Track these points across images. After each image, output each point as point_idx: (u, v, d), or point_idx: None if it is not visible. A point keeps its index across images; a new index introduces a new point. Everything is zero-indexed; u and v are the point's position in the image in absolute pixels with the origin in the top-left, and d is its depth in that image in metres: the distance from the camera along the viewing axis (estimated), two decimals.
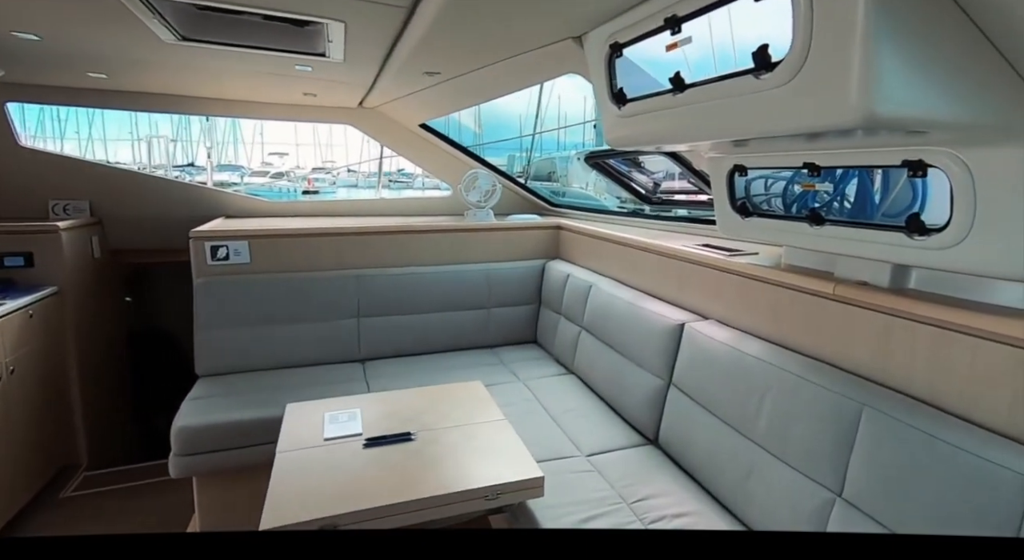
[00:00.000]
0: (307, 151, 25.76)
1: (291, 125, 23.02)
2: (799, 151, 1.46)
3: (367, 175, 24.67)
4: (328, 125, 3.48)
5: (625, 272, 2.55)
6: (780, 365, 1.51)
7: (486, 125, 23.17)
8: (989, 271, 1.15)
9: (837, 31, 0.88)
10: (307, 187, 18.18)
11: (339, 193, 18.90)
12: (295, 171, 19.58)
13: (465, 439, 1.60)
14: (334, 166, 21.36)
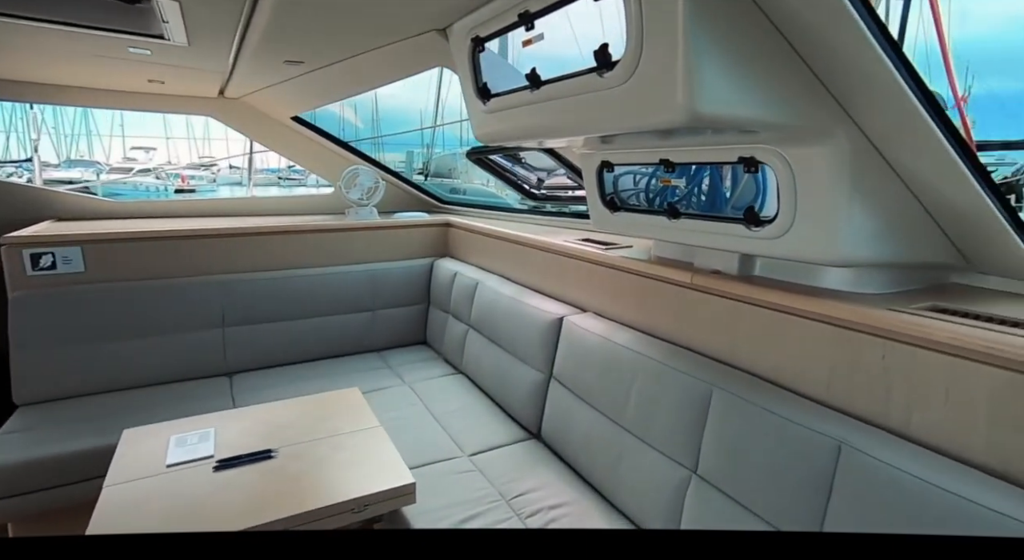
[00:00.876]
0: (182, 145, 23.42)
1: (159, 117, 20.80)
2: (655, 148, 1.54)
3: (255, 171, 22.98)
4: (204, 117, 3.13)
5: (511, 268, 2.57)
6: (646, 353, 1.59)
7: (384, 119, 22.42)
8: (811, 257, 1.28)
9: (663, 35, 0.93)
10: (181, 185, 16.52)
11: (221, 191, 17.38)
12: (165, 168, 17.69)
13: (333, 451, 1.52)
14: (213, 162, 19.60)
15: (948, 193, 1.17)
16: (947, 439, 1.05)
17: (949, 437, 1.05)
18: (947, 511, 0.92)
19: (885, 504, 1.00)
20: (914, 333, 1.10)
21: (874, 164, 1.18)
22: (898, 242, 1.29)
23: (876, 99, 1.04)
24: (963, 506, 0.90)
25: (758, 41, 0.99)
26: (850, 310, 1.21)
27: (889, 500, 0.99)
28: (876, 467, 1.02)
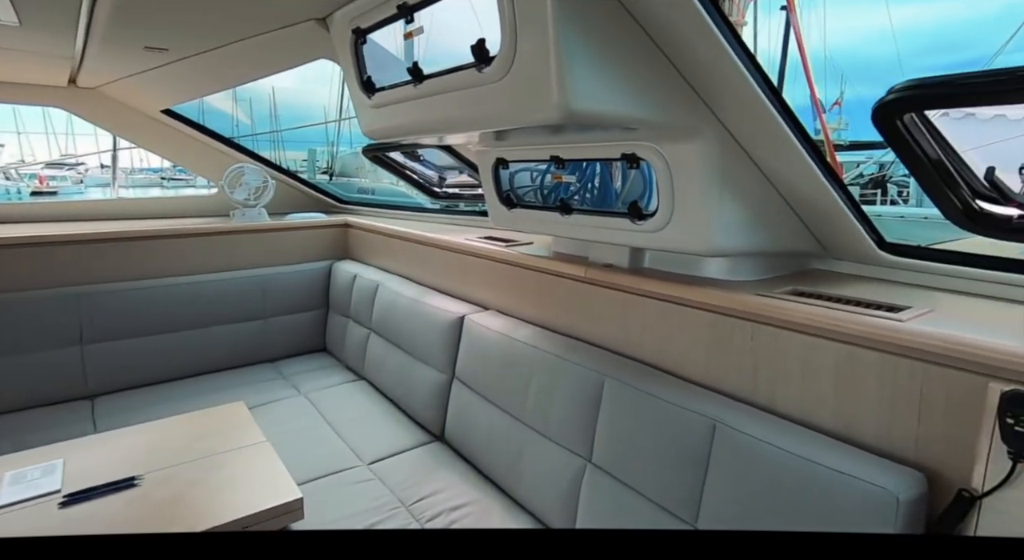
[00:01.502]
0: (38, 141, 20.56)
1: (8, 109, 18.20)
2: (546, 145, 1.57)
3: (130, 171, 20.75)
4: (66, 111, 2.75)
5: (413, 269, 2.52)
6: (544, 348, 1.62)
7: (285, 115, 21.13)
8: (689, 248, 1.37)
9: (535, 32, 0.95)
10: (39, 187, 14.54)
11: (91, 194, 15.52)
12: (17, 167, 15.49)
13: (208, 472, 1.40)
14: (78, 160, 17.44)
15: (802, 188, 1.30)
16: (803, 410, 1.17)
17: (804, 408, 1.16)
18: (802, 475, 1.01)
19: (752, 474, 1.08)
20: (776, 315, 1.20)
21: (740, 161, 1.27)
22: (764, 232, 1.40)
23: (735, 102, 1.13)
24: (815, 470, 1.00)
25: (628, 43, 1.03)
26: (723, 296, 1.30)
27: (755, 470, 1.08)
28: (745, 441, 1.11)
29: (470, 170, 2.46)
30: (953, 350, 0.96)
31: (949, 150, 1.14)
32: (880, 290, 1.32)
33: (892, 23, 34.42)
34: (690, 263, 1.49)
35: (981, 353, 0.92)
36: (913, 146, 1.07)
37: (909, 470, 0.96)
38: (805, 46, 1.93)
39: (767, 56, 11.94)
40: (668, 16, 0.98)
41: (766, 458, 1.07)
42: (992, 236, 1.20)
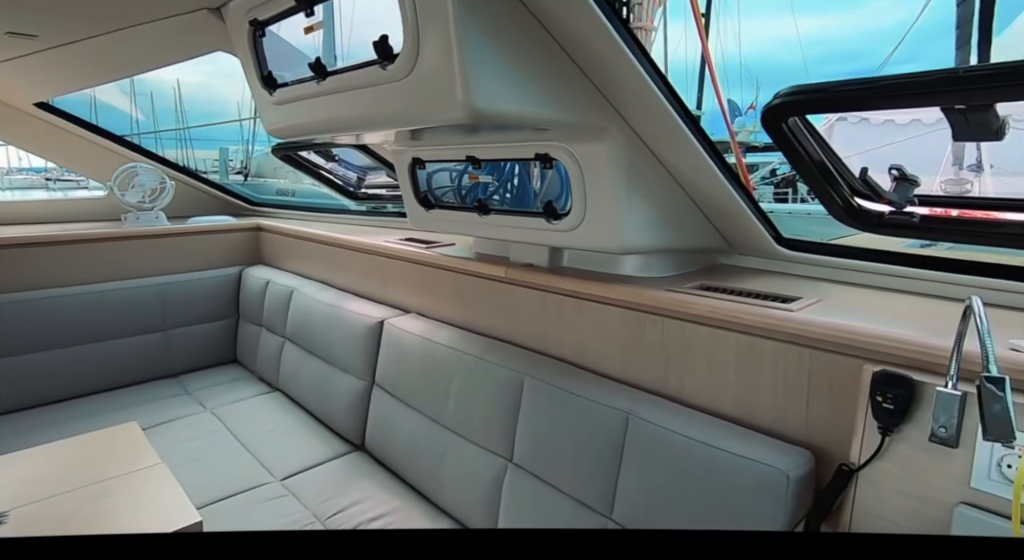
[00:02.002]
0: None
1: None
2: (462, 145, 1.56)
3: (7, 171, 18.59)
4: None
5: (330, 273, 2.43)
6: (464, 349, 1.61)
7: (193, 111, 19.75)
8: (601, 246, 1.40)
9: (437, 30, 0.94)
10: None
11: None
12: None
13: (90, 502, 1.27)
14: None
15: (705, 187, 1.37)
16: (709, 399, 1.23)
17: (710, 397, 1.23)
18: (705, 461, 1.07)
19: (661, 463, 1.13)
20: (684, 309, 1.26)
21: (647, 161, 1.33)
22: (674, 230, 1.47)
23: (638, 103, 1.17)
24: (717, 455, 1.06)
25: (534, 44, 1.05)
26: (636, 293, 1.35)
27: (664, 459, 1.12)
28: (656, 432, 1.15)
29: (390, 170, 2.40)
30: (834, 336, 1.04)
31: (829, 151, 1.24)
32: (779, 283, 1.41)
33: (799, 33, 37.62)
34: (607, 261, 1.53)
35: (856, 338, 1.01)
36: (797, 147, 1.15)
37: (799, 450, 1.04)
38: (711, 52, 2.06)
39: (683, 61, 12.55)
40: (569, 19, 1.00)
41: (674, 447, 1.11)
42: (870, 231, 1.33)
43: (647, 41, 2.10)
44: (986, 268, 1.24)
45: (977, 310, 0.78)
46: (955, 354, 0.85)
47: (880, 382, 0.92)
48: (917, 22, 8.67)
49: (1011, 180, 5.76)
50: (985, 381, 0.74)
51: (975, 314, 0.78)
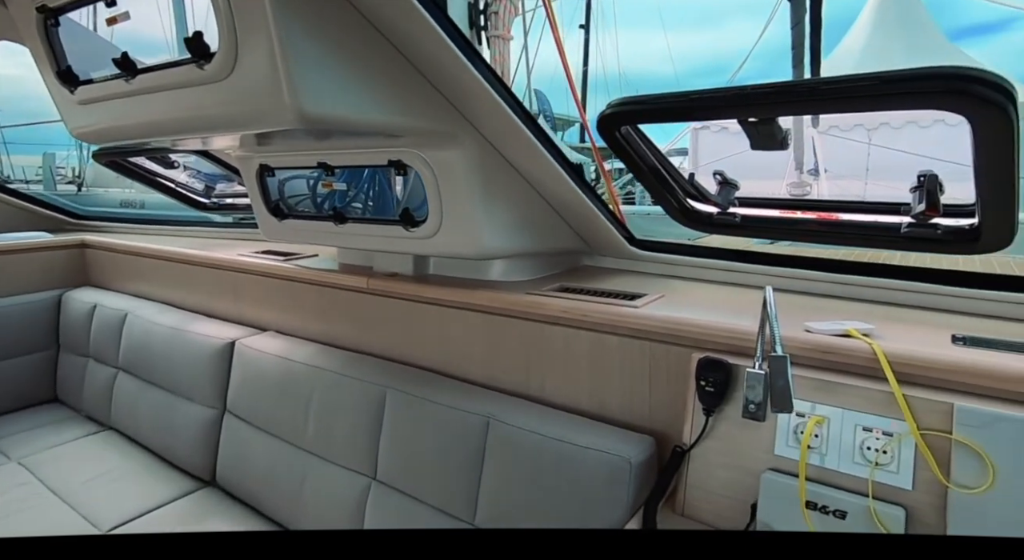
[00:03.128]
0: None
1: None
2: (312, 151, 1.50)
3: None
4: None
5: (173, 292, 2.21)
6: (324, 366, 1.55)
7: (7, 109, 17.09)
8: (461, 253, 1.42)
9: (256, 30, 0.89)
10: None
11: None
12: None
13: None
14: None
15: (559, 191, 1.44)
16: (566, 396, 1.30)
17: (567, 394, 1.29)
18: (559, 456, 1.12)
19: (521, 463, 1.17)
20: (541, 311, 1.32)
21: (501, 167, 1.37)
22: (533, 234, 1.53)
23: (484, 111, 1.21)
24: (570, 450, 1.12)
25: (368, 48, 1.03)
26: (498, 297, 1.39)
27: (523, 458, 1.17)
28: (515, 433, 1.19)
29: (239, 177, 2.24)
30: (669, 328, 1.15)
31: (661, 157, 1.37)
32: (632, 281, 1.53)
33: (670, 48, 41.44)
34: (474, 267, 1.56)
35: (686, 329, 1.13)
36: (631, 154, 1.26)
37: (643, 436, 1.13)
38: (569, 62, 2.19)
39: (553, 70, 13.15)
40: (401, 24, 1.00)
41: (531, 446, 1.16)
42: (701, 229, 1.48)
43: (504, 50, 2.18)
44: (806, 261, 1.44)
45: (768, 299, 0.90)
46: (759, 338, 0.97)
47: (703, 368, 1.04)
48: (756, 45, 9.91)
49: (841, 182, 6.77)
50: (772, 360, 0.85)
51: (767, 302, 0.90)
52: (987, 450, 0.80)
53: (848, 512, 0.86)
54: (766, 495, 0.92)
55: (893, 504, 0.85)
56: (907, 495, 0.85)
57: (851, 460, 0.90)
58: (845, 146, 9.23)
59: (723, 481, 1.00)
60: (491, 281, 1.53)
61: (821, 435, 0.93)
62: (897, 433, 0.87)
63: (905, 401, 0.87)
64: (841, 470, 0.90)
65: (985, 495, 0.79)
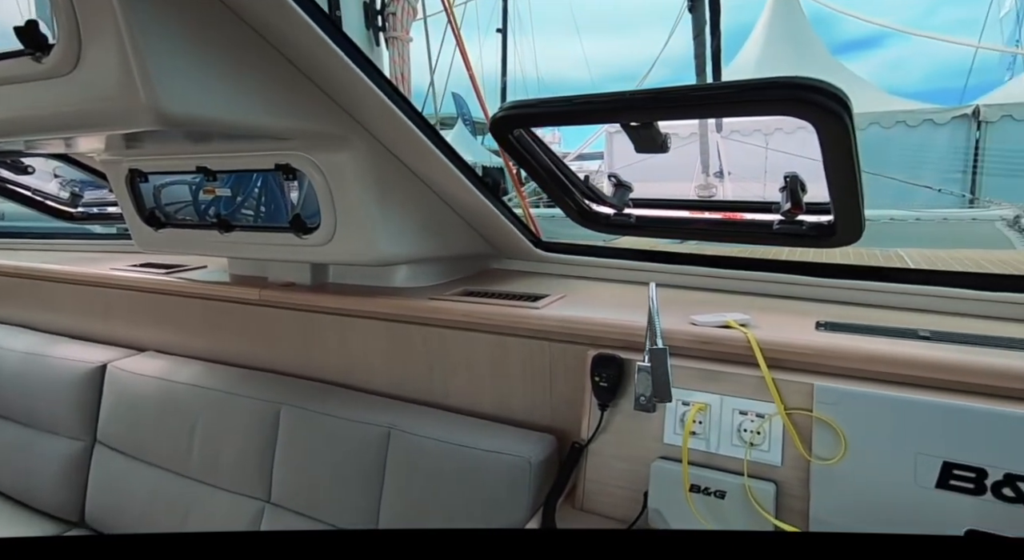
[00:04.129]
0: None
1: None
2: (190, 154, 1.42)
3: None
4: None
5: (31, 313, 2.00)
6: (211, 385, 1.46)
7: None
8: (358, 260, 1.40)
9: (100, 19, 0.83)
10: None
11: None
12: None
13: None
14: None
15: (458, 195, 1.46)
16: (470, 401, 1.31)
17: (471, 398, 1.31)
18: (461, 461, 1.14)
19: (422, 471, 1.17)
20: (443, 316, 1.33)
21: (398, 171, 1.36)
22: (436, 239, 1.53)
23: (374, 114, 1.20)
24: (471, 454, 1.13)
25: (239, 43, 0.99)
26: (399, 304, 1.38)
27: (425, 467, 1.17)
28: (416, 442, 1.19)
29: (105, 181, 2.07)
30: (567, 327, 1.20)
31: (557, 160, 1.42)
32: (538, 283, 1.57)
33: (586, 54, 42.93)
34: (377, 273, 1.54)
35: (582, 326, 1.18)
36: (526, 156, 1.30)
37: (544, 435, 1.17)
38: (480, 66, 2.23)
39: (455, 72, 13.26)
40: (275, 22, 0.98)
41: (432, 453, 1.16)
42: (599, 230, 1.56)
43: (404, 51, 2.17)
44: (696, 258, 1.55)
45: (651, 295, 0.97)
46: (648, 333, 1.04)
47: (597, 364, 1.09)
48: (661, 53, 10.53)
49: (743, 183, 7.35)
50: (652, 353, 0.92)
51: (650, 298, 0.97)
52: (840, 424, 0.90)
53: (727, 492, 0.94)
54: (655, 483, 0.98)
55: (766, 481, 0.94)
56: (777, 471, 0.94)
57: (730, 443, 0.98)
58: (745, 150, 10.09)
59: (619, 473, 1.06)
60: (395, 288, 1.51)
61: (704, 421, 1.00)
62: (768, 414, 0.96)
63: (774, 384, 0.96)
64: (722, 453, 0.98)
65: (839, 465, 0.89)
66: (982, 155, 9.74)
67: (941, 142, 10.07)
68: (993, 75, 13.64)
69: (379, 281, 1.54)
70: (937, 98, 14.35)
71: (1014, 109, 9.46)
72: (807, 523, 0.90)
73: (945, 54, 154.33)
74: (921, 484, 0.84)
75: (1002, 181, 9.20)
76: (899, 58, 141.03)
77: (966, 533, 0.77)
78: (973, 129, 9.86)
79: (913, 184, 9.16)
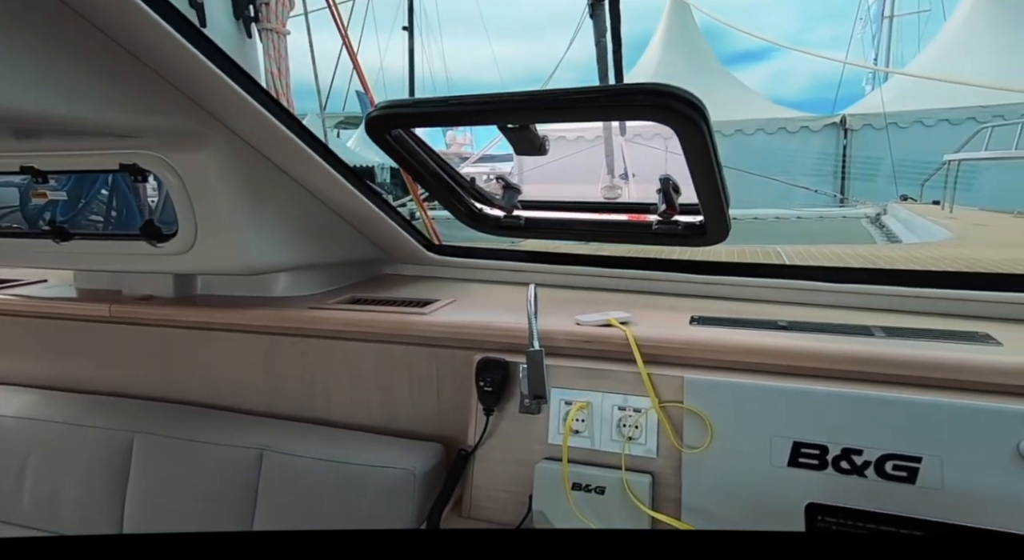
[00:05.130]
0: None
1: None
2: (12, 153, 1.27)
3: None
4: None
5: None
6: (49, 416, 1.32)
7: None
8: (225, 269, 1.32)
9: None
10: None
11: None
12: None
13: None
14: None
15: (340, 199, 1.42)
16: (354, 414, 1.28)
17: (355, 412, 1.28)
18: (339, 479, 1.11)
19: (299, 492, 1.12)
20: (324, 326, 1.28)
21: (270, 172, 1.30)
22: (317, 245, 1.47)
23: (232, 109, 1.13)
24: (350, 470, 1.11)
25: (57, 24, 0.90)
26: (275, 315, 1.31)
27: (302, 487, 1.12)
28: (293, 462, 1.14)
29: None
30: (453, 332, 1.20)
31: (442, 162, 1.42)
32: (432, 287, 1.56)
33: (495, 55, 43.58)
34: (253, 283, 1.45)
35: (468, 331, 1.19)
36: (407, 158, 1.28)
37: (431, 445, 1.16)
38: (361, 63, 2.16)
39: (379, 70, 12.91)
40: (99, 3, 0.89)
41: (309, 472, 1.12)
42: (491, 233, 1.58)
43: (279, 44, 2.07)
44: (586, 259, 1.61)
45: (529, 296, 0.99)
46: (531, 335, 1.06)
47: (482, 368, 1.10)
48: (564, 57, 10.88)
49: (645, 185, 7.77)
50: (528, 355, 0.94)
51: (528, 300, 0.99)
52: (707, 413, 0.98)
53: (607, 487, 0.98)
54: (539, 485, 1.01)
55: (643, 473, 1.00)
56: (653, 463, 1.00)
57: (611, 438, 1.03)
58: (648, 153, 10.57)
59: (506, 477, 1.07)
60: (274, 298, 1.44)
61: (587, 419, 1.05)
62: (644, 409, 1.02)
63: (649, 379, 1.02)
64: (604, 449, 1.03)
65: (706, 453, 0.96)
66: (849, 159, 11.02)
67: (816, 147, 11.28)
68: (858, 88, 15.46)
69: (256, 291, 1.46)
70: (815, 107, 16.40)
71: (873, 119, 10.79)
72: (679, 510, 0.96)
73: (821, 67, 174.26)
74: (775, 464, 0.92)
75: (864, 183, 10.47)
76: (782, 70, 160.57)
77: (806, 508, 0.86)
78: (841, 136, 11.12)
79: (793, 185, 10.20)
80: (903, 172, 9.56)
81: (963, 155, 6.47)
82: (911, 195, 8.27)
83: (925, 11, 19.00)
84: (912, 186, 8.27)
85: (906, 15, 20.23)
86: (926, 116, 10.33)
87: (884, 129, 10.44)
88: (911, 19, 20.05)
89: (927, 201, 7.53)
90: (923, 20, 19.14)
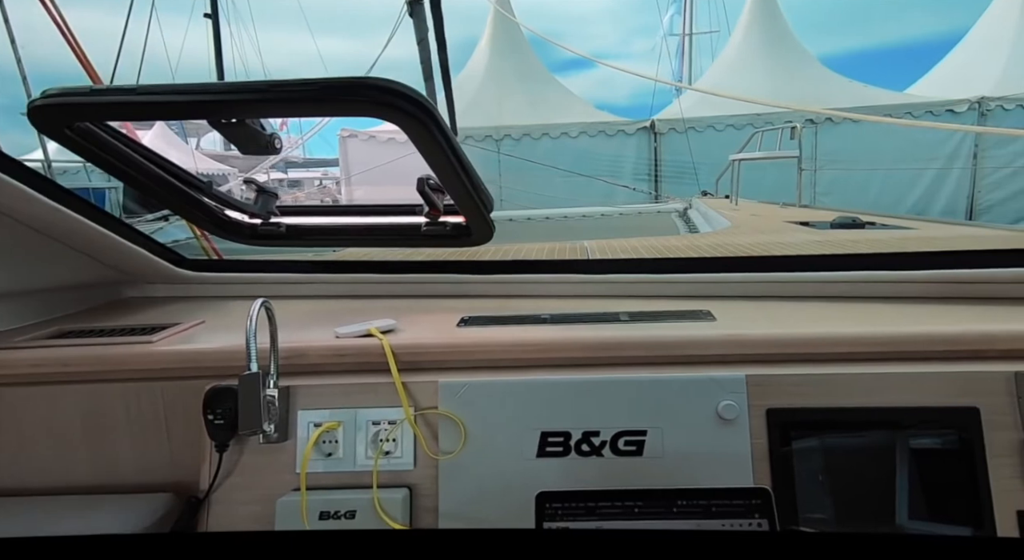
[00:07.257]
0: None
1: None
2: None
3: None
4: None
5: None
6: None
7: None
8: None
9: None
10: None
11: None
12: None
13: None
14: None
15: (44, 216, 1.20)
16: (58, 476, 1.08)
17: (55, 476, 1.08)
18: None
19: None
20: (8, 370, 1.07)
21: None
22: (13, 270, 1.24)
23: None
24: None
25: None
26: None
27: None
28: None
29: None
30: (182, 361, 1.08)
31: (165, 162, 1.27)
32: (182, 309, 1.39)
33: (320, 50, 41.46)
34: None
35: (199, 358, 1.07)
36: (107, 158, 1.12)
37: (158, 496, 1.03)
38: (155, 51, 1.90)
39: None
40: None
41: None
42: (246, 242, 1.46)
43: None
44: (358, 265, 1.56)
45: (251, 313, 0.92)
46: (272, 355, 0.99)
47: (211, 399, 1.00)
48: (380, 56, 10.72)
49: None
50: (241, 380, 0.87)
51: (249, 317, 0.91)
52: (460, 415, 0.99)
53: (358, 509, 0.95)
54: (281, 522, 0.94)
55: (400, 487, 0.98)
56: (410, 474, 0.99)
57: (365, 456, 0.99)
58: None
59: (247, 520, 0.98)
60: None
61: (339, 440, 1.00)
62: (399, 420, 1.00)
63: (404, 388, 1.01)
64: (359, 469, 0.99)
65: (461, 455, 0.97)
66: (660, 161, 12.43)
67: (632, 150, 12.54)
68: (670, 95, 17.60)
69: None
70: (636, 113, 18.70)
71: (676, 124, 12.28)
72: (437, 518, 0.96)
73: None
74: (526, 456, 0.96)
75: (674, 181, 11.92)
76: (607, 77, 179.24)
77: (536, 497, 0.90)
78: (652, 139, 12.50)
79: (615, 184, 11.23)
80: (703, 170, 11.02)
81: (743, 155, 7.64)
82: (710, 191, 9.54)
83: (716, 31, 22.80)
84: (712, 183, 9.55)
85: (702, 34, 24.09)
86: (717, 121, 12.06)
87: (685, 133, 11.97)
88: (706, 37, 23.95)
89: (721, 196, 8.75)
90: (714, 39, 22.96)
